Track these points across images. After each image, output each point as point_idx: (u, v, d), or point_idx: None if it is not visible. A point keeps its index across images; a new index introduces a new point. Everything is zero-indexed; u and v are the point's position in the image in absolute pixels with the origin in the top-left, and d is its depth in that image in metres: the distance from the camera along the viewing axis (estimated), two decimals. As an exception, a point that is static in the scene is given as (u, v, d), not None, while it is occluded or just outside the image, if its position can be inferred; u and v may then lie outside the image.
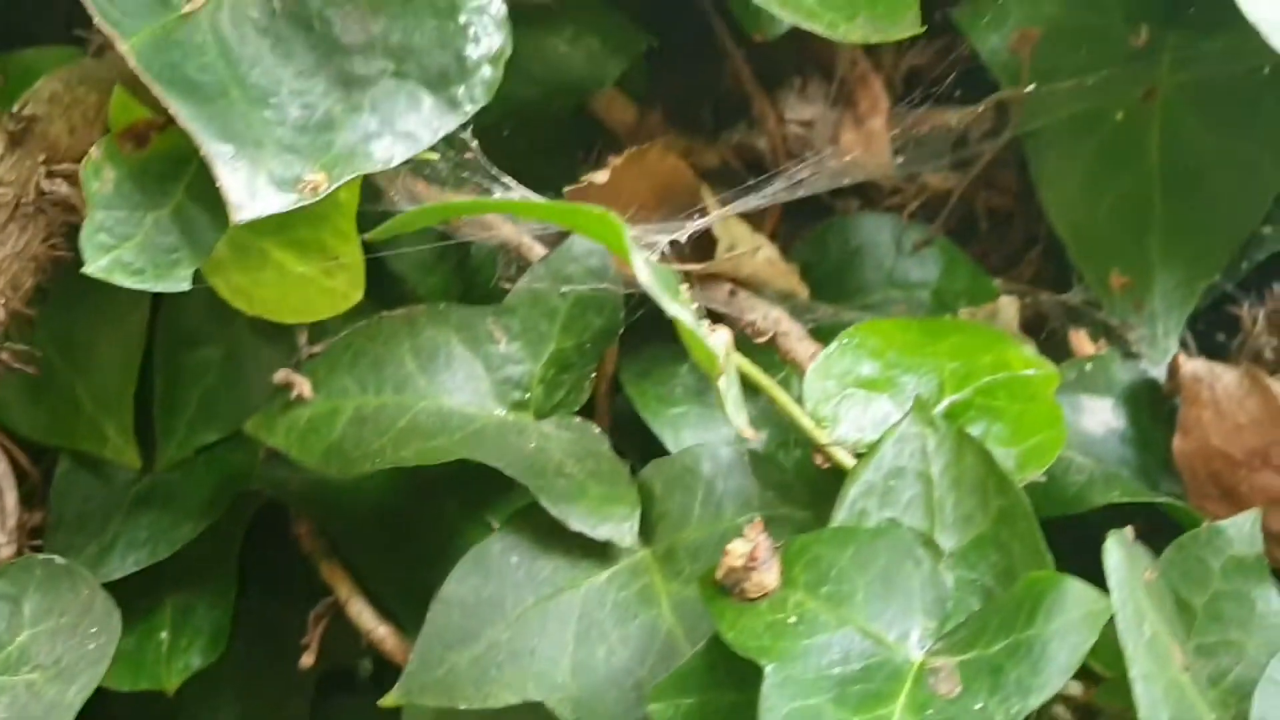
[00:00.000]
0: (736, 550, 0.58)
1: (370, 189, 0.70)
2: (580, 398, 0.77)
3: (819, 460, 0.67)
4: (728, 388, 0.57)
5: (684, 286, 0.58)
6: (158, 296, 0.76)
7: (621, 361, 0.81)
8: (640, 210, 0.80)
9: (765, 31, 0.78)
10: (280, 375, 0.73)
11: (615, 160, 0.75)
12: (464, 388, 0.73)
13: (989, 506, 0.63)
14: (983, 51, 0.85)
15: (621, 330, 0.76)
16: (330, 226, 0.71)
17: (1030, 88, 0.82)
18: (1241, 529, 0.64)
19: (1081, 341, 0.82)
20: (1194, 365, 0.76)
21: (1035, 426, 0.68)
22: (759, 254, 0.81)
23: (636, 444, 0.77)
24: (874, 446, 0.64)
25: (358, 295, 0.73)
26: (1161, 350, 0.81)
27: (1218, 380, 0.76)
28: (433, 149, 0.64)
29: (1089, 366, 0.77)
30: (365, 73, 0.63)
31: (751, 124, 0.88)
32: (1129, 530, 0.57)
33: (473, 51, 0.63)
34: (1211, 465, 0.75)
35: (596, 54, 0.76)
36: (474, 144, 0.64)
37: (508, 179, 0.65)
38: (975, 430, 0.68)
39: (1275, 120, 0.81)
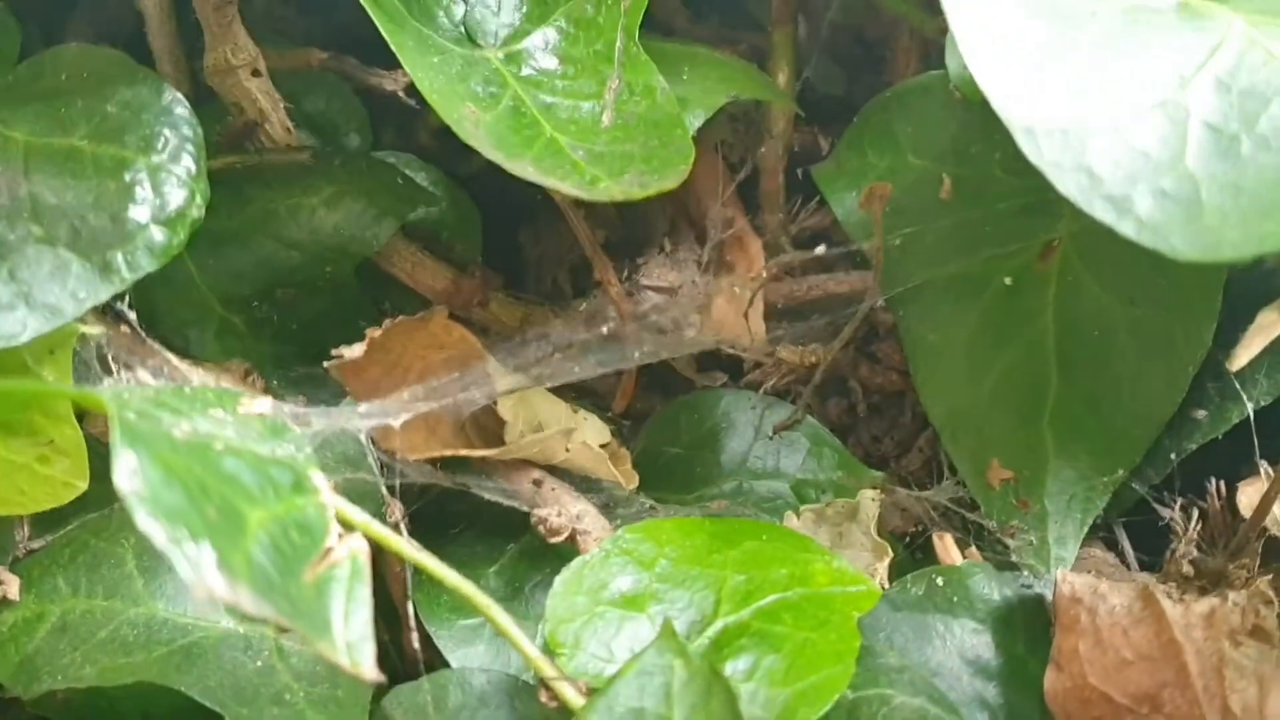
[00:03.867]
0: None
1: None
2: (347, 606, 0.66)
3: (544, 698, 0.55)
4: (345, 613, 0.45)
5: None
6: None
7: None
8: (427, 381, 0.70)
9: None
10: (-10, 573, 0.65)
11: (374, 332, 0.65)
12: (188, 593, 0.64)
13: (732, 768, 0.50)
14: (838, 212, 0.74)
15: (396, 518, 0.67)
16: (38, 406, 0.63)
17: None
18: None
19: (948, 548, 0.67)
20: (1073, 583, 0.62)
21: (817, 662, 0.55)
22: (573, 437, 0.70)
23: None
24: (609, 682, 0.52)
25: (82, 484, 0.65)
26: (1053, 560, 0.66)
27: (1101, 602, 0.61)
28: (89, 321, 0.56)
29: (940, 579, 0.63)
30: (9, 238, 0.55)
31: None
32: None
33: (138, 213, 0.55)
34: (1091, 710, 0.59)
35: (360, 215, 0.68)
36: (131, 315, 0.56)
37: (168, 353, 0.56)
38: (742, 664, 0.55)
39: (1188, 285, 0.67)
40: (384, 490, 0.65)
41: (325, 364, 0.66)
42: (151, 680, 0.59)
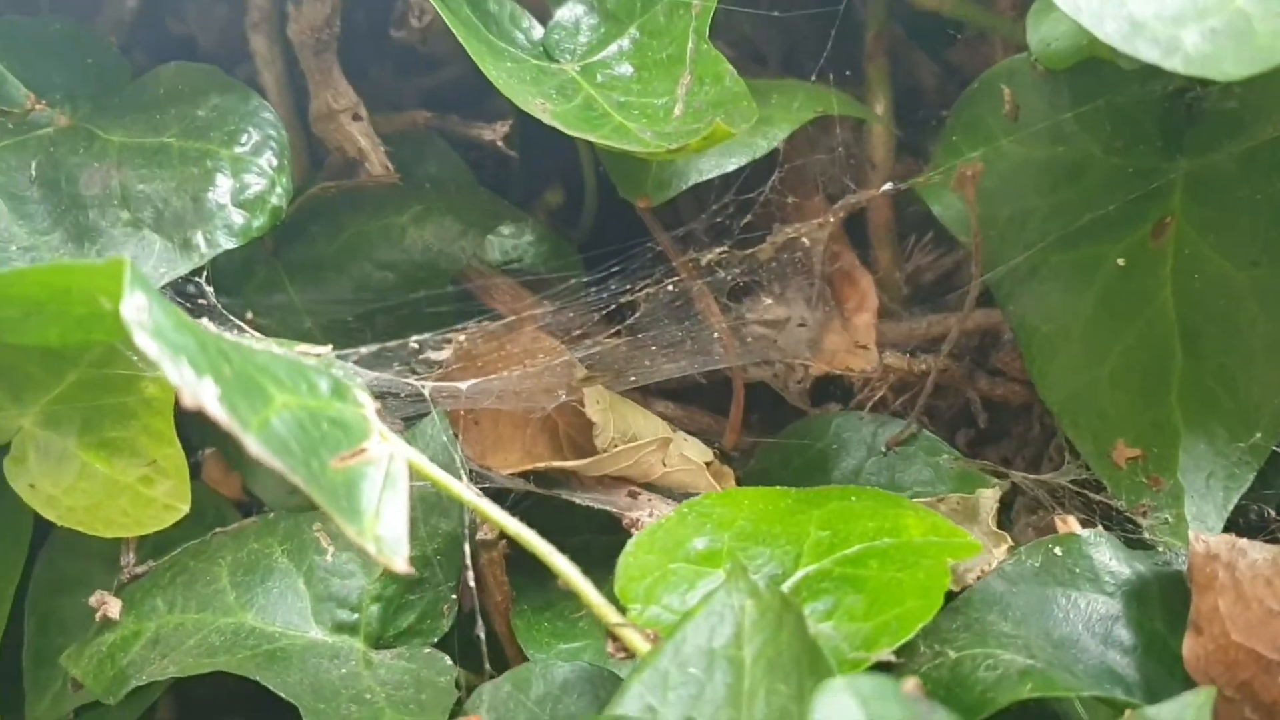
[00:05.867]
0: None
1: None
2: (440, 625, 0.65)
3: (611, 649, 0.51)
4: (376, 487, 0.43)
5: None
6: (35, 540, 0.72)
7: (519, 587, 0.68)
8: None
9: (650, 197, 0.69)
10: (95, 597, 0.65)
11: (459, 336, 0.65)
12: (278, 605, 0.63)
13: (804, 695, 0.45)
14: (936, 210, 0.72)
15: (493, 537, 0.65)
16: (141, 425, 0.64)
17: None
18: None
19: (1070, 527, 0.61)
20: (1208, 541, 0.55)
21: (901, 597, 0.50)
22: (671, 449, 0.67)
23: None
24: (676, 626, 0.48)
25: (184, 506, 0.65)
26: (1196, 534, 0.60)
27: (1240, 557, 0.54)
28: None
29: (1059, 550, 0.57)
30: (100, 224, 0.58)
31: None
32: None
33: (218, 195, 0.58)
34: (1239, 672, 0.52)
35: (448, 230, 0.69)
36: (209, 289, 0.58)
37: (242, 324, 0.57)
38: (821, 605, 0.51)
39: (1314, 233, 0.62)
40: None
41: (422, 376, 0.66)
42: (229, 670, 0.58)
